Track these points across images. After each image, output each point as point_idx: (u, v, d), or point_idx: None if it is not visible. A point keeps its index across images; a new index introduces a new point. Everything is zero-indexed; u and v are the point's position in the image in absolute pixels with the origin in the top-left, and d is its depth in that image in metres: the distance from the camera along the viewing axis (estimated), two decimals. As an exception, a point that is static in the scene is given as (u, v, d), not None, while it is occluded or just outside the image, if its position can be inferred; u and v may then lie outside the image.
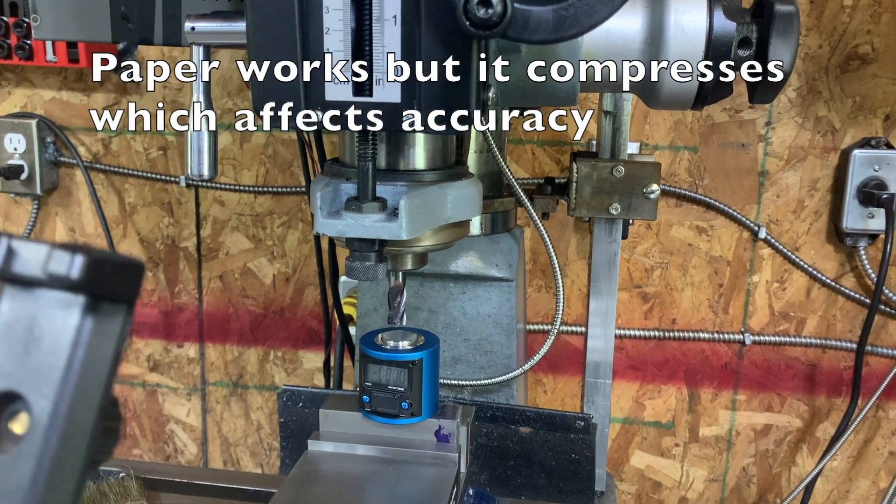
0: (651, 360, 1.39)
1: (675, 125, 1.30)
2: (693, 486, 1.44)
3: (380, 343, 0.72)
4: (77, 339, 0.22)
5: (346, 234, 0.59)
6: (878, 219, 1.24)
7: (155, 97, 1.43)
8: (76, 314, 0.22)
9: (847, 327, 1.33)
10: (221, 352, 1.53)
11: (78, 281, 0.22)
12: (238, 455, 1.58)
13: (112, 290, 0.23)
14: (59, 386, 0.23)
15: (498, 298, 0.93)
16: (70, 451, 0.23)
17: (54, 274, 0.21)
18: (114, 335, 0.24)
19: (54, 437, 0.23)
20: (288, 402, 0.92)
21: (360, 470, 0.70)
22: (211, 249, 1.49)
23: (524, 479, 0.90)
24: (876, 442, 1.36)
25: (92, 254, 0.22)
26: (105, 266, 0.22)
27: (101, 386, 0.23)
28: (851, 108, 1.26)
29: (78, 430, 0.23)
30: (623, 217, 0.96)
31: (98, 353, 0.23)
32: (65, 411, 0.22)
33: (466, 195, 0.67)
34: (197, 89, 0.63)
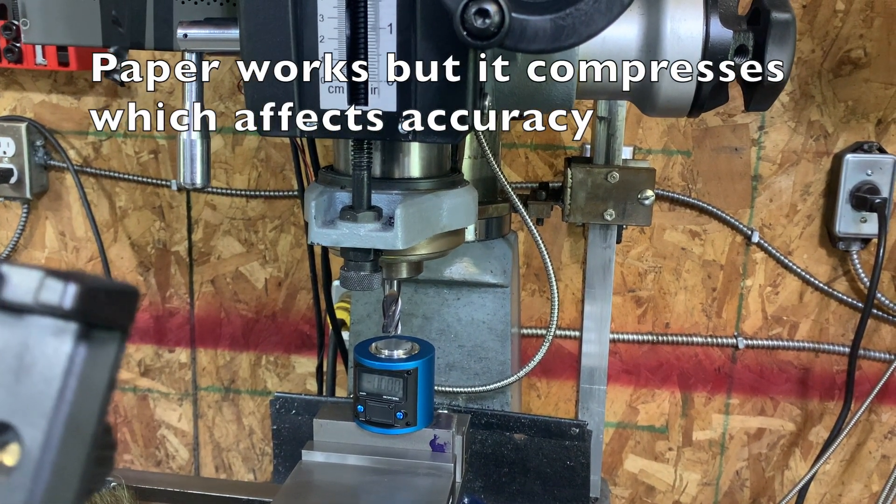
0: (644, 364, 1.39)
1: (668, 129, 1.30)
2: (686, 489, 1.44)
3: (374, 352, 0.72)
4: (69, 367, 0.22)
5: (341, 243, 0.59)
6: (870, 223, 1.24)
7: (146, 99, 1.41)
8: (69, 342, 0.22)
9: (840, 331, 1.33)
10: (213, 356, 1.52)
11: (71, 310, 0.21)
12: (230, 460, 1.57)
13: (106, 317, 0.22)
14: (51, 415, 0.22)
15: (492, 304, 0.92)
16: (62, 483, 0.22)
17: (46, 303, 0.21)
18: (107, 363, 0.23)
19: (46, 468, 0.22)
20: (281, 409, 0.92)
21: (354, 481, 0.69)
22: (202, 254, 1.47)
23: (519, 487, 0.90)
24: (868, 445, 1.37)
25: (85, 282, 0.21)
26: (98, 294, 0.22)
27: (95, 415, 0.23)
28: (844, 113, 1.26)
29: (70, 461, 0.22)
30: (618, 223, 0.96)
31: (91, 382, 0.22)
32: (57, 442, 0.22)
33: (462, 203, 0.66)
34: (189, 96, 0.63)
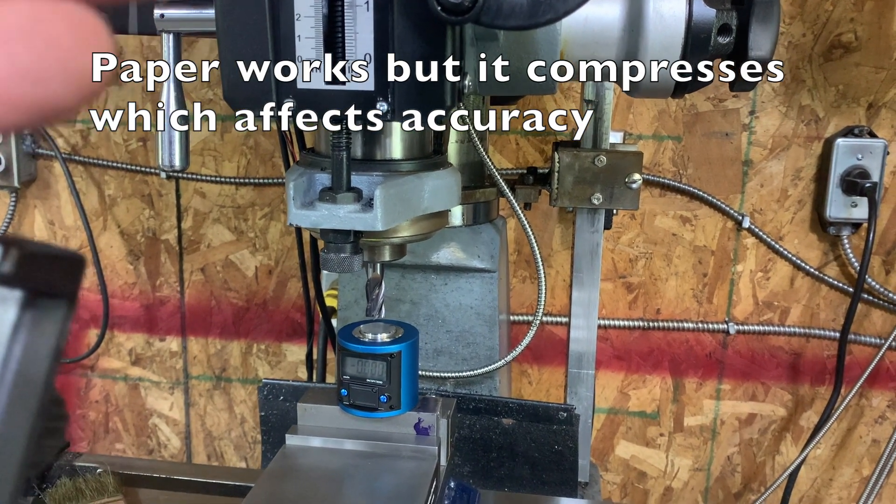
0: (635, 350, 1.39)
1: (659, 115, 1.30)
2: (678, 475, 1.44)
3: (358, 336, 0.71)
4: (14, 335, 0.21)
5: (319, 225, 0.58)
6: (861, 207, 1.24)
7: (134, 87, 1.40)
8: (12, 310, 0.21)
9: (830, 316, 1.33)
10: (204, 345, 1.52)
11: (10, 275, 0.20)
12: (222, 449, 1.57)
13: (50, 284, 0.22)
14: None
15: (480, 289, 0.92)
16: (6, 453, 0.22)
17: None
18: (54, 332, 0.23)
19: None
20: (269, 395, 0.91)
21: (338, 464, 0.69)
22: (192, 242, 1.47)
23: (507, 471, 0.90)
24: (859, 430, 1.37)
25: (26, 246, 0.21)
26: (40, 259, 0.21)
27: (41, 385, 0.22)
28: (835, 97, 1.25)
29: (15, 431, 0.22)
30: (605, 207, 0.95)
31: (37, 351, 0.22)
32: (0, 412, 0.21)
33: (444, 185, 0.66)
34: (168, 77, 0.62)
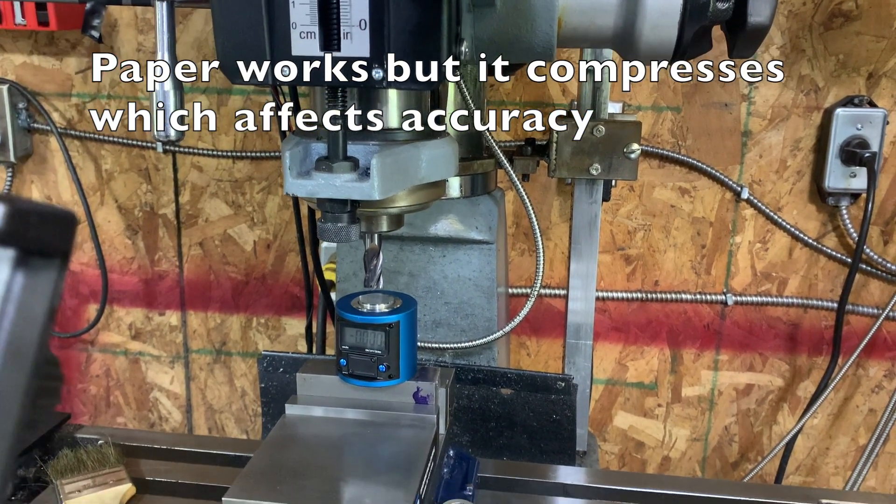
0: (634, 321, 1.40)
1: (658, 85, 1.29)
2: (676, 445, 1.45)
3: (356, 306, 0.71)
4: (7, 294, 0.21)
5: (316, 194, 0.58)
6: (860, 178, 1.24)
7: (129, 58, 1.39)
8: (6, 268, 0.21)
9: (828, 287, 1.33)
10: (203, 319, 1.52)
11: (2, 233, 0.20)
12: (223, 422, 1.58)
13: (42, 242, 0.22)
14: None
15: (478, 261, 0.92)
16: (1, 411, 0.22)
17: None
18: (47, 291, 0.22)
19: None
20: (268, 367, 0.92)
21: (337, 433, 0.70)
22: (190, 216, 1.47)
23: (506, 440, 0.91)
24: (856, 399, 1.38)
25: (16, 203, 0.21)
26: (31, 216, 0.21)
27: (35, 343, 0.22)
28: (835, 67, 1.24)
29: (9, 389, 0.22)
30: (603, 177, 0.95)
31: (30, 309, 0.22)
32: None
33: (441, 154, 0.65)
34: (161, 47, 0.61)
